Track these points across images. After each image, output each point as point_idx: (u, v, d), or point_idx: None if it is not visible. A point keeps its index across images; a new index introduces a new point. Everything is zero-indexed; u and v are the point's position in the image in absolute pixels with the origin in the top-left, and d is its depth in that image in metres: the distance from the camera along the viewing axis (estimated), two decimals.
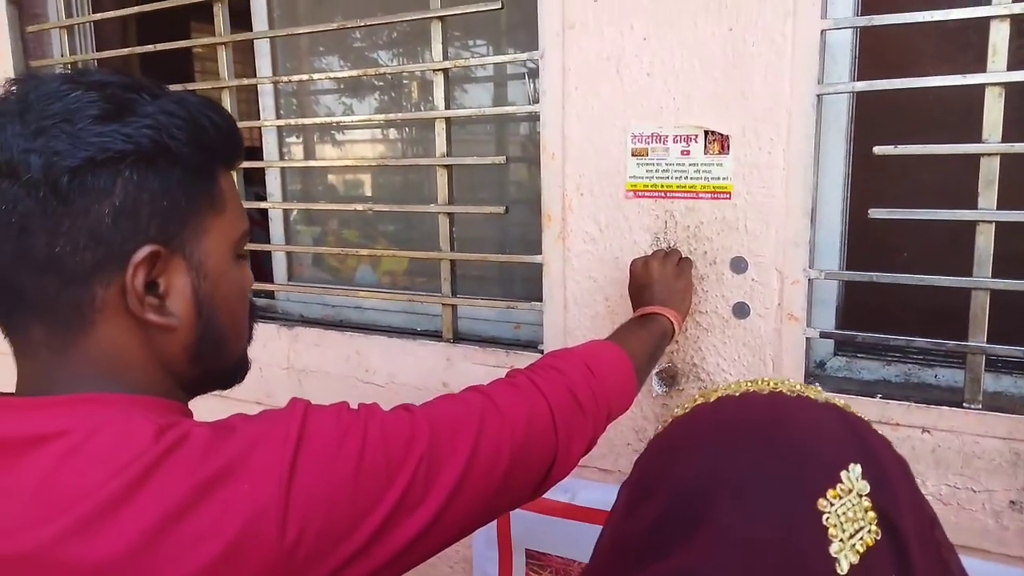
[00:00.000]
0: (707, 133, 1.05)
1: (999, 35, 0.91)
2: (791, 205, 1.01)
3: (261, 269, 1.56)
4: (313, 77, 1.49)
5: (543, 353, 1.04)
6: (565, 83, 1.13)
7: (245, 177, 1.66)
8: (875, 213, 0.99)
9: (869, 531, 0.38)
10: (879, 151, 0.97)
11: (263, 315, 1.59)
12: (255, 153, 1.68)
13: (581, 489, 1.18)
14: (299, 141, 1.75)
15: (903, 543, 0.38)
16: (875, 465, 0.40)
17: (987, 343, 0.96)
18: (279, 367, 1.49)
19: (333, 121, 1.68)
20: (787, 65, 0.99)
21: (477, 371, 1.28)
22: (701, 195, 1.07)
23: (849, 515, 0.38)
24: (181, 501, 0.48)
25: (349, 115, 1.69)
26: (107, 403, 0.54)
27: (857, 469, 0.40)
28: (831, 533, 0.37)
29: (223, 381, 0.67)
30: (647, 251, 1.11)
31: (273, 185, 1.65)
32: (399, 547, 0.55)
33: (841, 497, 0.38)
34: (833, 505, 0.38)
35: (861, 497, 0.39)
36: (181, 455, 0.50)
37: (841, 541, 0.37)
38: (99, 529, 0.47)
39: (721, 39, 1.02)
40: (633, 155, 1.10)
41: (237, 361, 0.66)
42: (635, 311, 1.02)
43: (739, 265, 1.06)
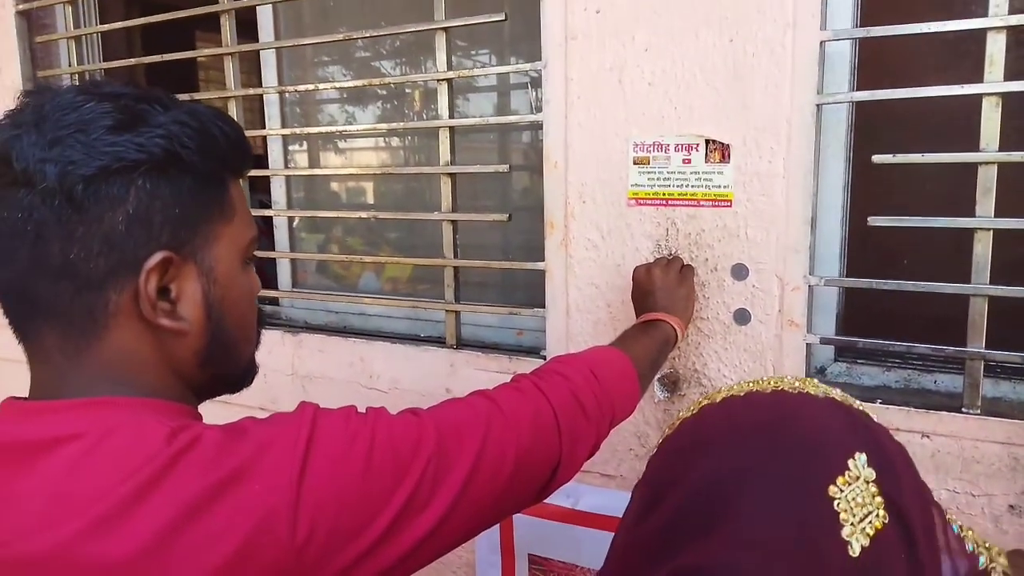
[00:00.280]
0: (708, 142, 1.06)
1: (996, 46, 0.92)
2: (791, 213, 1.03)
3: (265, 276, 1.57)
4: (318, 87, 1.50)
5: (545, 359, 1.05)
6: (568, 93, 1.14)
7: (250, 185, 1.67)
8: (874, 221, 1.00)
9: (877, 515, 0.39)
10: (878, 160, 0.98)
11: (267, 322, 1.60)
12: (260, 161, 1.69)
13: (584, 494, 1.19)
14: (303, 149, 1.76)
15: (909, 526, 0.40)
16: (879, 453, 0.42)
17: (986, 349, 0.97)
18: (283, 373, 1.50)
19: (337, 130, 1.69)
20: (787, 75, 1.00)
21: (480, 377, 1.29)
22: (702, 203, 1.08)
23: (858, 500, 0.39)
24: (194, 502, 0.49)
25: (353, 124, 1.71)
26: (120, 406, 0.55)
27: (863, 457, 0.41)
28: (843, 518, 0.39)
29: (232, 385, 0.68)
30: (649, 258, 1.12)
31: (278, 193, 1.66)
32: (406, 548, 0.56)
33: (850, 483, 0.40)
34: (843, 491, 0.39)
35: (868, 483, 0.40)
36: (193, 457, 0.51)
37: (852, 525, 0.39)
38: (114, 530, 0.48)
39: (722, 50, 1.03)
40: (635, 163, 1.11)
41: (246, 365, 0.68)
42: (638, 317, 1.03)
43: (740, 272, 1.07)
